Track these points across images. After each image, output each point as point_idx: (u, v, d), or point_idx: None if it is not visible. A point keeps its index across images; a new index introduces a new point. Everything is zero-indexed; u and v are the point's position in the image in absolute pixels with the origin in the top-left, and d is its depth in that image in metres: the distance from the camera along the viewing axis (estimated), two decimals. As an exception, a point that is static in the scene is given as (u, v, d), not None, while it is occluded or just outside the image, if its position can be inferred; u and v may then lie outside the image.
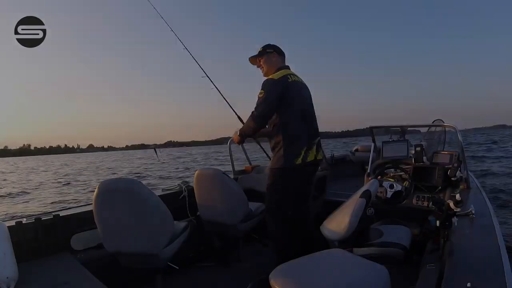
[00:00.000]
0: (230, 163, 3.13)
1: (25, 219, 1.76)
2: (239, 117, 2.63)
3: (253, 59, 2.10)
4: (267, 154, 2.90)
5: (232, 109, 2.72)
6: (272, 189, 1.93)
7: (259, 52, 2.06)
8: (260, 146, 2.95)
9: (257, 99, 1.88)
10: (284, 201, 1.91)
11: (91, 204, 1.69)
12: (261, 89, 1.88)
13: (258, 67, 2.09)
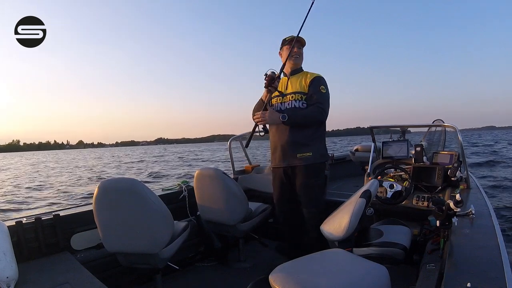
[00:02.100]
0: (230, 163, 3.13)
1: (25, 219, 1.76)
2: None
3: (293, 39, 1.95)
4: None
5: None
6: (316, 184, 1.96)
7: (303, 41, 2.03)
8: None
9: (309, 88, 1.93)
10: (324, 194, 2.05)
11: (91, 204, 1.69)
12: (322, 85, 1.93)
13: (296, 52, 2.00)
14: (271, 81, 1.91)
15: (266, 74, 1.93)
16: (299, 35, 1.95)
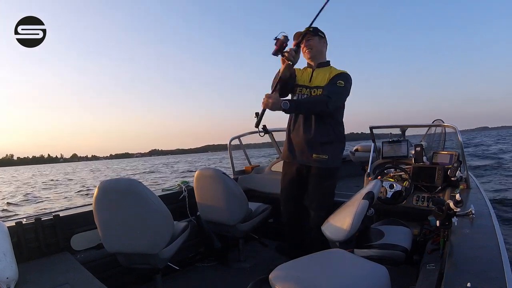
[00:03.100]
0: (230, 163, 3.13)
1: (25, 219, 1.76)
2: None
3: (299, 35, 1.80)
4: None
5: None
6: (328, 189, 1.93)
7: (311, 30, 1.81)
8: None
9: (323, 82, 1.83)
10: (333, 200, 1.98)
11: (91, 204, 1.69)
12: (341, 80, 1.82)
13: (304, 46, 1.86)
14: (281, 47, 1.68)
15: (276, 38, 1.67)
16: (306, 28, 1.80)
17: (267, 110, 1.77)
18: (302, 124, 1.90)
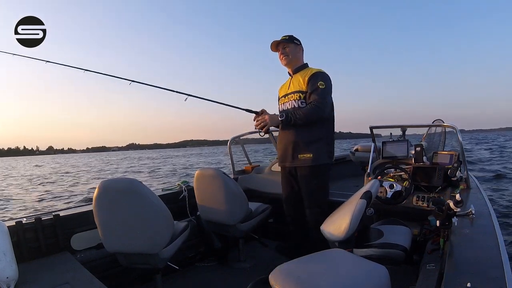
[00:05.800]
0: (230, 163, 3.13)
1: (25, 219, 1.76)
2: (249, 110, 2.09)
3: (276, 45, 2.04)
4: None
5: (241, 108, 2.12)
6: (318, 186, 1.95)
7: (286, 39, 2.00)
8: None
9: (307, 86, 1.91)
10: (327, 195, 2.02)
11: (91, 204, 1.69)
12: (321, 80, 1.88)
13: (281, 54, 2.04)
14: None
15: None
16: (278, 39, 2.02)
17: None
18: (287, 127, 1.98)
